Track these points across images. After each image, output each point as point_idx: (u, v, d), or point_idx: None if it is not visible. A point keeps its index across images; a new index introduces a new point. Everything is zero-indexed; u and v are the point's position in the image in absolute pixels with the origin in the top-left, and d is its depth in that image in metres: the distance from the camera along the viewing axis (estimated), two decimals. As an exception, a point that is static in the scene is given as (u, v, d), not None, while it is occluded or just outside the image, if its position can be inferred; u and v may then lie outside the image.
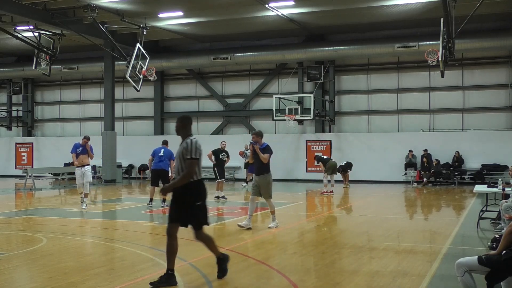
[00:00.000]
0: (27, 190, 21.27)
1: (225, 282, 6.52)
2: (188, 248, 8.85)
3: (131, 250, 8.60)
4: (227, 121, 28.46)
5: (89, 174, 14.24)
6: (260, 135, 11.01)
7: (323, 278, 6.83)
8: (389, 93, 25.75)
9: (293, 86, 26.87)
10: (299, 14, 22.41)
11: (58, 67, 27.27)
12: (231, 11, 21.59)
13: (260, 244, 9.37)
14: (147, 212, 14.15)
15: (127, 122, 30.32)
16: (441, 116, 25.00)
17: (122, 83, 27.94)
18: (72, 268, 7.41)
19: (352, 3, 20.73)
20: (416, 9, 21.25)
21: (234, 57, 26.24)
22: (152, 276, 6.77)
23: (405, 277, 6.80)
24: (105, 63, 25.60)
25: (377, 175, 24.78)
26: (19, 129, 32.51)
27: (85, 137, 14.32)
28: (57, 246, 9.09)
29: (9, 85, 32.41)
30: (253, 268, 7.39)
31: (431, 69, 24.09)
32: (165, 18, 22.85)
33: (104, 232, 10.81)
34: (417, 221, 13.26)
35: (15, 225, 12.04)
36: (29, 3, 20.46)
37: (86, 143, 14.07)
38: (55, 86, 32.02)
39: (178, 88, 29.64)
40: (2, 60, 31.09)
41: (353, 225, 11.98)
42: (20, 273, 7.35)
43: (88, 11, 19.87)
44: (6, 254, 8.36)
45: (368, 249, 8.81)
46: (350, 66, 26.62)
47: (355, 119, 26.43)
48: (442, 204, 16.82)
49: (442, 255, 8.18)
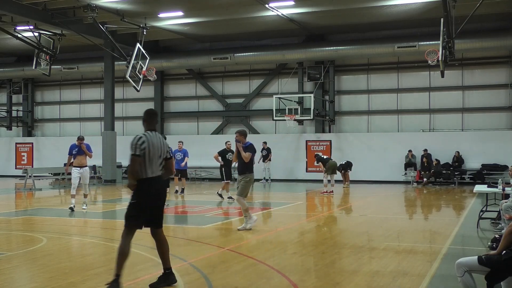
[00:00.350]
0: (27, 190, 21.28)
1: (225, 282, 6.52)
2: (187, 248, 8.87)
3: (131, 250, 8.57)
4: (227, 121, 28.47)
5: (87, 176, 14.08)
6: (243, 133, 11.02)
7: (323, 278, 6.84)
8: (389, 93, 25.75)
9: (293, 86, 26.87)
10: (299, 14, 22.41)
11: (58, 67, 27.26)
12: (231, 11, 21.60)
13: (260, 244, 9.37)
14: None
15: (127, 122, 30.33)
16: (441, 116, 25.01)
17: (122, 83, 27.95)
18: (72, 268, 7.42)
19: (352, 3, 20.73)
20: (416, 9, 21.26)
21: (234, 57, 26.24)
22: (152, 276, 6.77)
23: (405, 277, 6.81)
24: (105, 63, 25.59)
25: (377, 175, 24.78)
26: (19, 129, 32.52)
27: (79, 138, 13.98)
28: (57, 246, 9.11)
29: (9, 85, 32.41)
30: (253, 268, 7.38)
31: (431, 69, 24.09)
32: (165, 18, 22.85)
33: (104, 232, 10.82)
34: (417, 221, 13.27)
35: (15, 225, 12.05)
36: (29, 3, 20.45)
37: (80, 144, 13.88)
38: (55, 86, 32.02)
39: (178, 88, 29.64)
40: (2, 60, 31.09)
41: (353, 225, 12.00)
42: (20, 273, 7.36)
43: (88, 11, 19.86)
44: (6, 254, 8.37)
45: (368, 249, 8.81)
46: (350, 66, 26.62)
47: (355, 119, 26.43)
48: (442, 204, 16.83)
49: (442, 255, 8.18)
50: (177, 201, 16.99)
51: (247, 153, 10.71)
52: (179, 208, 15.51)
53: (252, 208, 15.15)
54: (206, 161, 27.29)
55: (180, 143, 18.91)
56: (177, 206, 16.00)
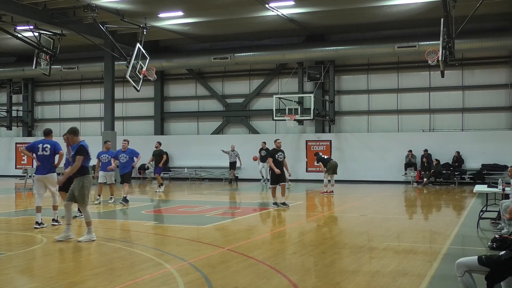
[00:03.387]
0: (27, 190, 21.27)
1: (225, 282, 6.53)
2: (187, 248, 8.89)
3: (131, 250, 8.63)
4: (227, 121, 28.47)
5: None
6: (71, 132, 9.89)
7: (323, 278, 6.85)
8: (389, 93, 25.76)
9: (293, 86, 26.88)
10: (299, 14, 22.41)
11: (58, 67, 27.27)
12: (231, 11, 21.60)
13: (260, 244, 9.39)
14: (147, 212, 14.17)
15: (127, 122, 30.34)
16: (441, 116, 25.01)
17: (122, 83, 27.96)
18: (72, 268, 7.46)
19: (352, 3, 20.72)
20: (416, 9, 21.25)
21: (234, 57, 26.25)
22: (152, 276, 6.80)
23: (405, 277, 6.82)
24: (105, 63, 25.61)
25: (377, 175, 24.79)
26: (19, 129, 32.54)
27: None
28: (57, 246, 9.11)
29: (9, 85, 32.43)
30: (253, 268, 7.40)
31: (431, 69, 24.10)
32: (165, 18, 22.86)
33: (104, 232, 10.81)
34: (417, 221, 13.28)
35: (15, 225, 12.05)
36: (29, 3, 20.45)
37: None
38: (55, 86, 32.05)
39: (178, 88, 29.65)
40: (2, 60, 31.11)
41: (353, 225, 12.01)
42: (20, 273, 7.38)
43: (88, 11, 19.84)
44: (6, 254, 8.40)
45: (368, 249, 8.83)
46: (350, 66, 26.63)
47: (355, 119, 26.44)
48: (442, 204, 16.83)
49: (442, 255, 8.20)
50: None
51: (78, 156, 9.43)
52: (179, 208, 15.51)
53: (256, 208, 15.18)
54: (206, 161, 27.38)
55: (125, 142, 16.25)
56: (178, 206, 16.02)
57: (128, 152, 15.86)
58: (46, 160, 11.02)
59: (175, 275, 6.84)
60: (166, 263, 7.60)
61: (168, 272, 7.07)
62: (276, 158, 14.59)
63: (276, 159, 14.57)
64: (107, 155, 15.68)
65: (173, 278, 6.75)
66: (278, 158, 14.61)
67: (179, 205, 16.43)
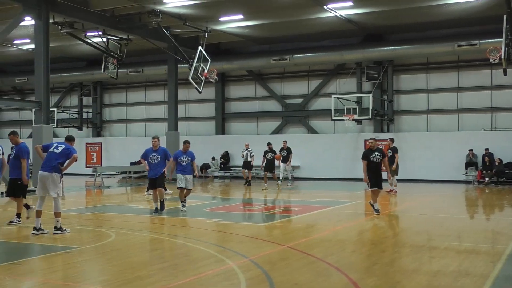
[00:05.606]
0: (96, 187, 22.26)
1: (285, 279, 6.62)
2: (248, 245, 9.10)
3: (194, 246, 8.85)
4: (286, 121, 28.68)
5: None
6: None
7: (383, 277, 6.83)
8: (448, 92, 25.23)
9: (352, 86, 26.78)
10: (357, 15, 22.33)
11: (124, 70, 28.17)
12: (289, 13, 21.79)
13: (319, 242, 9.46)
14: (209, 210, 14.52)
15: (189, 123, 31.06)
16: (504, 114, 24.23)
17: (185, 85, 28.65)
18: (139, 263, 7.69)
19: (411, 3, 20.46)
20: (477, 6, 20.70)
21: (292, 58, 26.43)
22: (214, 271, 6.97)
23: (467, 277, 6.71)
24: (168, 66, 26.38)
25: (436, 175, 24.33)
26: (89, 130, 33.88)
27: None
28: (125, 241, 9.46)
29: (80, 88, 33.88)
30: (312, 265, 7.46)
31: (493, 67, 23.36)
32: (226, 22, 23.30)
33: (169, 229, 11.11)
34: (479, 221, 13.04)
35: (86, 221, 12.66)
36: (98, 10, 21.42)
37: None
38: (122, 89, 33.19)
39: (238, 89, 30.09)
40: (74, 65, 32.51)
41: (413, 224, 11.92)
42: (91, 266, 7.70)
43: (152, 16, 20.61)
44: (78, 248, 8.79)
45: (428, 248, 8.79)
46: (409, 66, 26.23)
47: (414, 118, 26.04)
48: (505, 204, 16.41)
49: (506, 256, 8.01)
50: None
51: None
52: (239, 206, 15.86)
53: (312, 206, 15.32)
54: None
55: (155, 139, 13.33)
56: (238, 204, 16.37)
57: (161, 152, 13.24)
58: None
59: (237, 271, 6.95)
60: (228, 259, 7.72)
61: (230, 268, 7.17)
62: (371, 159, 12.64)
63: (372, 161, 12.62)
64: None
65: (235, 274, 6.85)
66: (374, 160, 12.62)
67: (239, 203, 16.80)
